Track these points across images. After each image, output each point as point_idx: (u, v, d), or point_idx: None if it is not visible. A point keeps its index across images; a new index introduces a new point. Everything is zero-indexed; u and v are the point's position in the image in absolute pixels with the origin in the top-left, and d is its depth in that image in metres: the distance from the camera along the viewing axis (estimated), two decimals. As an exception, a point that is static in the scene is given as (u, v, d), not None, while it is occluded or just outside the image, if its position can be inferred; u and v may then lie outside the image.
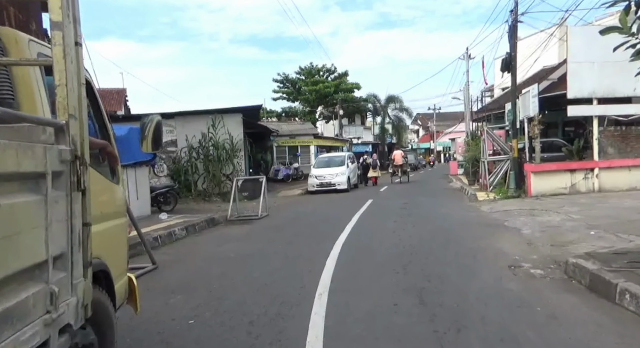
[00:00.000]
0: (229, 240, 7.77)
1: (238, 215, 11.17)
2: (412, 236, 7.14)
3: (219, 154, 16.29)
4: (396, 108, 38.98)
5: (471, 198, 12.44)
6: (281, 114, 40.07)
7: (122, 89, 33.77)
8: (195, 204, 15.19)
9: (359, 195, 16.52)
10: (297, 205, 13.81)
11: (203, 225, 9.36)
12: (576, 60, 11.20)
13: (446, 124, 71.27)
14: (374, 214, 10.25)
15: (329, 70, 37.99)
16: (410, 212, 10.31)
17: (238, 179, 12.08)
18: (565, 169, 11.53)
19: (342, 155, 19.67)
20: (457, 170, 24.30)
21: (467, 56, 31.19)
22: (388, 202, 13.06)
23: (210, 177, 16.31)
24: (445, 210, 10.45)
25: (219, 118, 16.38)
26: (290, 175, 25.74)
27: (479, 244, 6.29)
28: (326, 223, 9.26)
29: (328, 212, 11.29)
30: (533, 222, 7.84)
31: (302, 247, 6.77)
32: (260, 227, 9.15)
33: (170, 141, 17.08)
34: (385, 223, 8.72)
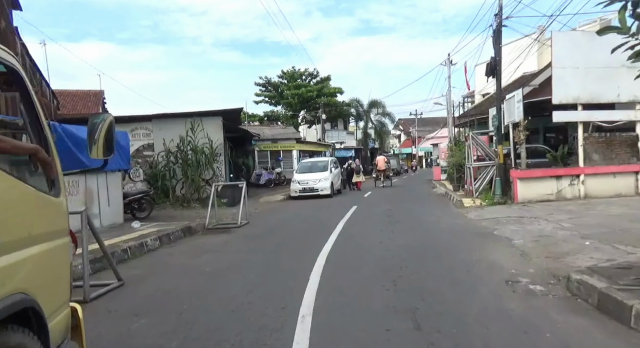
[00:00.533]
0: (205, 251, 7.23)
1: (217, 223, 10.61)
2: (400, 246, 6.76)
3: (198, 158, 15.68)
4: (379, 113, 38.96)
5: (457, 205, 12.20)
6: (263, 118, 39.52)
7: (99, 91, 32.66)
8: (173, 210, 14.54)
9: (342, 201, 16.14)
10: (279, 212, 13.32)
11: (178, 234, 8.78)
12: (561, 66, 11.12)
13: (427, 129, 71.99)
14: (359, 222, 9.86)
15: (311, 74, 37.70)
16: (396, 219, 9.96)
17: (217, 185, 11.53)
18: (551, 175, 11.41)
19: (325, 160, 19.30)
20: (441, 176, 24.23)
21: (449, 62, 31.39)
22: (373, 208, 12.70)
23: (189, 182, 15.67)
24: (432, 217, 10.15)
25: (198, 121, 15.78)
26: (273, 180, 25.22)
27: (471, 256, 5.95)
28: (309, 231, 8.82)
29: (311, 219, 10.85)
30: (523, 231, 7.58)
31: (284, 259, 6.30)
32: (240, 236, 8.64)
33: (147, 145, 16.38)
34: (371, 231, 8.33)
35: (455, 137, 22.94)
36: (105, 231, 8.87)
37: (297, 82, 36.46)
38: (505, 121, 12.20)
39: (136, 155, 16.25)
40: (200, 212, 12.94)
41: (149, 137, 16.31)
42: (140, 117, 16.42)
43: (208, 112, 16.33)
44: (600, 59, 11.13)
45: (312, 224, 9.98)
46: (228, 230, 9.66)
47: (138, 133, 16.28)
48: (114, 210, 9.99)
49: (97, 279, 5.47)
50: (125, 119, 16.34)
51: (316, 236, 8.13)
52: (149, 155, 16.26)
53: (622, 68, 11.26)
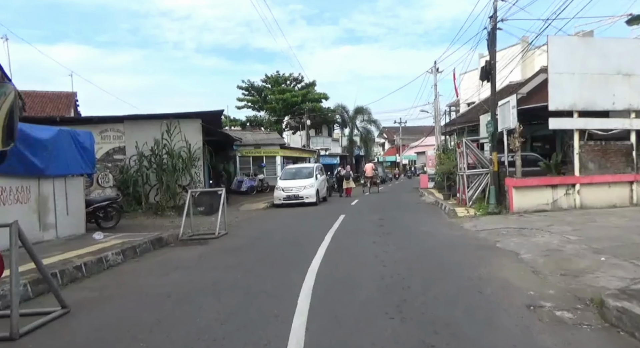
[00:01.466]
0: (175, 268, 6.32)
1: (192, 233, 9.67)
2: (398, 262, 6.01)
3: (174, 163, 14.67)
4: (364, 120, 38.52)
5: (450, 214, 11.58)
6: (246, 123, 38.53)
7: (71, 93, 31.22)
8: (145, 219, 13.48)
9: (329, 209, 15.36)
10: (261, 221, 12.44)
11: (147, 247, 7.81)
12: (557, 71, 10.70)
13: (411, 138, 72.33)
14: (349, 233, 9.08)
15: (296, 79, 37.01)
16: (388, 229, 9.23)
17: (193, 192, 10.59)
18: (547, 184, 10.92)
19: (311, 167, 18.53)
20: (428, 184, 23.76)
21: (435, 70, 31.25)
22: (362, 217, 11.96)
23: (163, 188, 14.62)
24: (426, 227, 9.46)
25: (175, 123, 14.80)
26: (255, 187, 24.26)
27: (479, 273, 5.24)
28: (295, 244, 7.99)
29: (297, 230, 10.02)
30: (528, 244, 6.94)
31: (267, 277, 5.46)
32: (217, 249, 7.74)
33: (117, 148, 15.28)
34: (364, 244, 7.56)
35: (443, 145, 22.54)
36: (61, 243, 7.87)
37: (282, 87, 35.69)
38: (499, 127, 11.70)
39: (106, 159, 15.13)
40: (175, 220, 11.96)
41: (120, 140, 15.22)
42: (111, 118, 15.32)
43: (186, 114, 15.37)
44: (596, 65, 10.82)
45: (298, 235, 9.16)
46: (204, 241, 8.74)
47: (108, 135, 15.17)
48: (73, 220, 8.94)
49: (38, 305, 4.52)
50: (95, 120, 15.25)
51: (303, 249, 7.32)
52: (120, 159, 15.15)
53: (617, 75, 11.00)
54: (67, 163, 8.84)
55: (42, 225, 8.16)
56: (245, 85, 37.10)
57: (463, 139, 12.39)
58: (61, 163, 8.65)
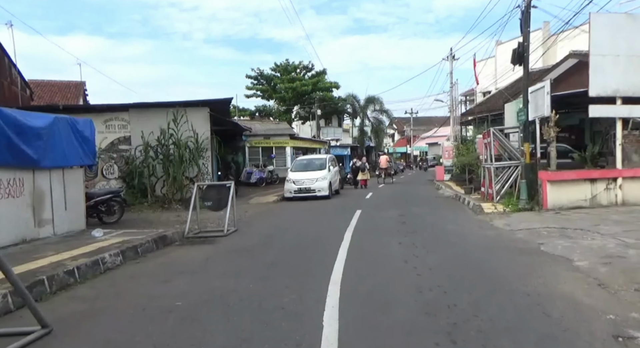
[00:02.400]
0: (179, 273, 5.59)
1: (198, 230, 8.96)
2: (433, 269, 5.20)
3: (181, 153, 13.95)
4: (376, 109, 37.42)
5: (476, 211, 10.71)
6: (254, 113, 37.72)
7: (80, 82, 30.76)
8: (152, 212, 12.83)
9: (343, 203, 14.56)
10: (272, 216, 11.69)
11: (149, 246, 7.10)
12: (599, 53, 9.67)
13: (421, 128, 71.03)
14: (369, 231, 8.28)
15: (306, 67, 35.99)
16: (412, 228, 8.41)
17: (200, 185, 9.86)
18: (585, 178, 9.97)
19: (323, 158, 17.69)
20: (444, 176, 22.81)
21: (452, 57, 30.05)
22: (380, 213, 11.15)
23: (170, 180, 13.94)
24: (453, 225, 8.62)
25: (182, 112, 14.06)
26: (264, 179, 23.57)
27: (534, 287, 4.42)
28: (312, 245, 7.21)
29: (311, 227, 9.25)
30: (579, 247, 6.08)
31: (282, 288, 4.70)
32: (225, 250, 7.00)
33: (122, 138, 14.60)
34: (388, 246, 6.76)
35: (462, 136, 21.55)
36: (57, 241, 7.20)
37: (291, 76, 34.71)
38: (531, 116, 10.73)
39: (110, 149, 14.48)
40: (182, 215, 11.29)
41: (125, 129, 14.52)
42: (115, 107, 14.62)
43: (193, 102, 14.60)
44: (642, 46, 9.76)
45: (314, 234, 8.38)
46: (212, 240, 8.02)
47: (113, 125, 14.49)
48: (72, 215, 8.27)
49: (19, 321, 3.82)
50: (99, 108, 14.59)
51: (320, 251, 6.55)
52: (125, 150, 14.48)
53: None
54: (64, 153, 8.15)
55: (37, 221, 7.50)
56: (255, 74, 36.20)
57: (490, 128, 11.44)
58: (58, 153, 7.96)
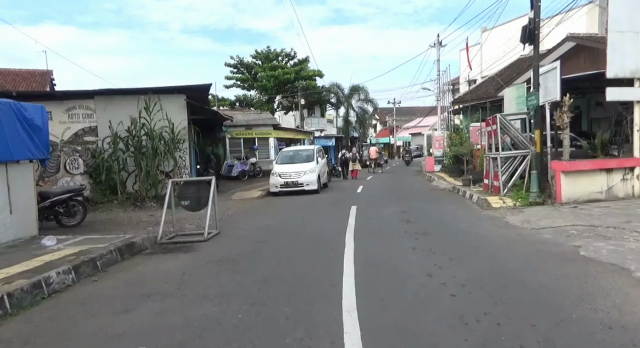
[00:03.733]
0: (146, 296, 4.40)
1: (174, 234, 7.74)
2: (467, 286, 4.18)
3: (155, 145, 12.59)
4: (360, 99, 36.34)
5: (482, 205, 9.82)
6: (235, 103, 36.09)
7: (47, 71, 28.58)
8: (122, 212, 11.50)
9: (335, 198, 13.49)
10: (258, 215, 10.52)
11: (112, 257, 5.86)
12: (618, 29, 8.81)
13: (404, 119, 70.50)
14: (373, 233, 7.23)
15: (288, 55, 34.50)
16: (421, 227, 7.41)
17: (175, 181, 8.59)
18: (601, 168, 9.17)
19: (311, 149, 16.53)
20: (434, 167, 22.01)
21: (439, 44, 29.18)
22: (378, 209, 10.13)
23: (143, 175, 12.58)
24: (465, 224, 7.66)
25: (155, 99, 12.66)
26: (247, 172, 22.27)
27: (605, 312, 3.45)
28: (310, 253, 6.11)
29: (305, 228, 8.13)
30: (627, 251, 5.17)
31: (282, 321, 3.58)
32: (206, 261, 5.83)
33: (88, 128, 13.09)
34: (401, 252, 5.72)
35: (454, 124, 20.75)
36: (-8, 256, 5.86)
37: (273, 64, 33.19)
38: (540, 101, 9.84)
39: (74, 141, 12.97)
40: (156, 213, 10.02)
41: (91, 119, 13.01)
42: (79, 93, 13.07)
43: (168, 89, 13.19)
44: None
45: (309, 237, 7.27)
46: (190, 246, 6.82)
47: (77, 113, 12.95)
48: (20, 219, 6.91)
49: None
50: (60, 95, 13.02)
51: (322, 262, 5.46)
52: (92, 142, 12.99)
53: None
54: (7, 146, 6.76)
55: (-27, 229, 6.14)
56: (234, 62, 34.49)
57: (497, 114, 10.51)
58: (1, 147, 6.58)
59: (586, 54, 16.05)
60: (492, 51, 25.20)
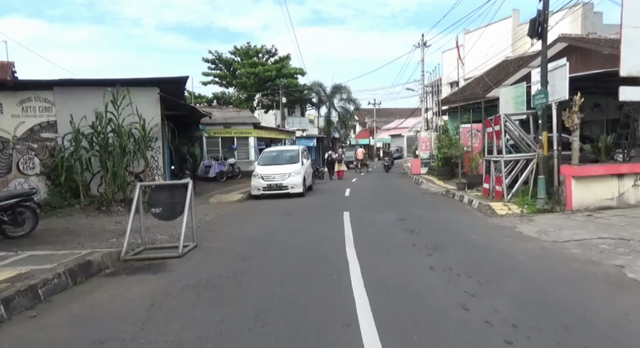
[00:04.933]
0: (98, 343, 3.29)
1: (143, 247, 6.59)
2: (520, 327, 3.28)
3: (123, 143, 11.30)
4: (343, 98, 35.50)
5: (485, 212, 9.06)
6: (212, 100, 34.60)
7: (7, 63, 26.38)
8: (84, 217, 10.20)
9: (322, 201, 12.51)
10: (240, 221, 9.42)
11: (60, 282, 4.69)
12: (633, 24, 8.22)
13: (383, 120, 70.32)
14: (377, 246, 6.28)
15: (269, 51, 33.28)
16: (428, 239, 6.52)
17: (144, 185, 7.41)
18: (613, 173, 8.55)
19: (295, 149, 15.49)
20: (421, 169, 21.37)
21: (423, 44, 28.71)
22: (374, 216, 9.22)
23: (109, 176, 11.26)
24: (478, 236, 6.82)
25: (124, 92, 11.35)
26: (225, 173, 21.03)
27: None
28: (307, 272, 5.09)
29: (297, 240, 7.10)
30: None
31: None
32: (181, 286, 4.73)
33: (46, 123, 11.65)
34: (420, 273, 4.79)
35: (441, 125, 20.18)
36: None
37: (253, 60, 31.91)
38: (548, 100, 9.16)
39: (30, 138, 11.52)
40: (123, 219, 8.81)
41: (49, 113, 11.57)
42: (35, 83, 11.60)
43: (139, 81, 11.90)
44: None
45: (303, 251, 6.26)
46: (161, 264, 5.70)
47: (32, 106, 11.49)
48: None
49: None
50: (10, 85, 11.54)
51: (325, 286, 4.47)
52: (50, 139, 11.57)
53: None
54: None
55: None
56: (212, 57, 33.00)
57: (502, 114, 9.79)
58: None
59: (577, 55, 15.72)
60: (474, 54, 24.92)
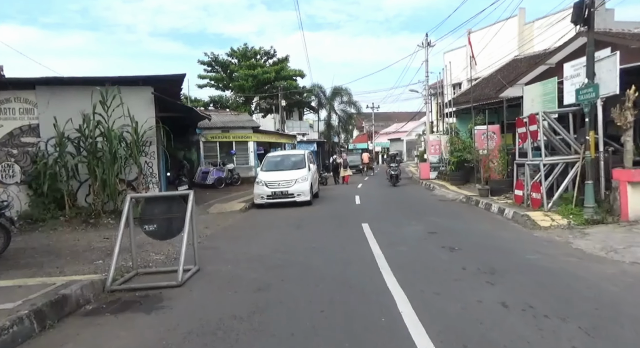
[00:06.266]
0: None
1: (134, 272, 5.47)
2: None
3: (114, 148, 10.17)
4: (343, 101, 34.49)
5: (524, 223, 8.01)
6: (209, 104, 33.47)
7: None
8: (69, 232, 9.08)
9: (333, 211, 11.39)
10: (246, 236, 8.29)
11: (22, 329, 3.55)
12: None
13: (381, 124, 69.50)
14: (418, 269, 5.17)
15: (267, 53, 32.25)
16: (477, 260, 5.43)
17: (135, 197, 6.28)
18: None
19: (301, 154, 14.39)
20: (430, 174, 20.34)
21: (427, 43, 27.86)
22: (398, 229, 8.13)
23: (98, 185, 10.14)
24: (536, 255, 5.73)
25: (114, 91, 10.25)
26: (223, 179, 19.89)
27: None
28: (343, 311, 3.96)
29: (317, 261, 5.96)
30: None
31: None
32: (182, 332, 3.60)
33: (27, 127, 10.51)
34: (495, 314, 3.68)
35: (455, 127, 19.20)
36: None
37: (251, 62, 30.84)
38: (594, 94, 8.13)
39: (9, 143, 10.36)
40: (113, 234, 7.71)
41: (30, 115, 10.43)
42: (15, 82, 10.45)
43: (131, 79, 10.80)
44: None
45: (329, 278, 5.15)
46: (156, 298, 4.57)
47: (11, 108, 10.35)
48: None
49: None
50: (-14, 84, 10.38)
51: (374, 335, 3.35)
52: (32, 143, 10.42)
53: None
54: None
55: None
56: (208, 59, 31.90)
57: (540, 111, 8.75)
58: None
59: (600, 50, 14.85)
60: (479, 54, 24.07)
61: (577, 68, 9.50)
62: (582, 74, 9.13)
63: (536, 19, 25.20)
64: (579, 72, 9.31)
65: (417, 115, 39.97)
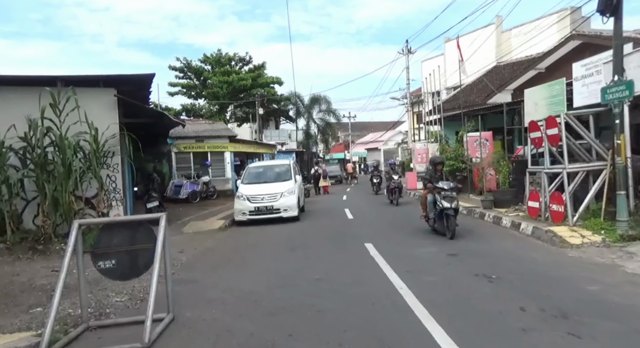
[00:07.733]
0: None
1: (84, 325, 4.05)
2: None
3: (68, 160, 8.58)
4: (322, 110, 33.47)
5: (550, 240, 7.02)
6: (181, 113, 31.67)
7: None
8: (10, 262, 7.49)
9: (326, 228, 10.08)
10: (232, 265, 6.87)
11: None
12: None
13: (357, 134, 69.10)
14: (468, 314, 3.97)
15: (242, 59, 30.88)
16: (536, 298, 4.30)
17: (85, 224, 4.83)
18: None
19: (285, 164, 13.06)
20: (417, 184, 19.41)
21: (407, 50, 27.38)
22: (410, 250, 6.95)
23: (49, 203, 8.51)
24: (596, 286, 4.67)
25: (68, 93, 8.70)
26: (198, 193, 18.28)
27: None
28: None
29: (329, 300, 4.66)
30: None
31: None
32: None
33: (-41, 135, 8.75)
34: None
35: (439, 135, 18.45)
36: None
37: (226, 68, 29.40)
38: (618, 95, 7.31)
39: None
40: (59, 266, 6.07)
41: (-37, 120, 8.71)
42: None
43: (88, 78, 9.28)
44: None
45: (351, 329, 3.88)
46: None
47: (-62, 111, 8.60)
48: None
49: None
50: None
51: None
52: (-36, 155, 8.67)
53: None
54: None
55: None
56: (181, 65, 30.21)
57: (562, 113, 7.87)
58: None
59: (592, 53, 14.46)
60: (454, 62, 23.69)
61: (589, 67, 8.75)
62: (596, 73, 8.39)
63: (514, 26, 25.16)
64: (592, 71, 8.56)
65: (395, 125, 39.53)
